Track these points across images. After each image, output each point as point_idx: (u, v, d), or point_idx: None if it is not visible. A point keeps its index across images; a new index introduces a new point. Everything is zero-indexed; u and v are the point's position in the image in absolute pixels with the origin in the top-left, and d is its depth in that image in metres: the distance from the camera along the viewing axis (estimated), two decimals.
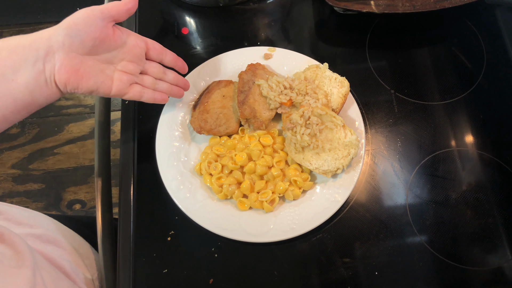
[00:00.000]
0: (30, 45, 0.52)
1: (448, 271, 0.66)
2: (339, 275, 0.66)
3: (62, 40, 0.52)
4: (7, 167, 1.74)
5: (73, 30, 0.52)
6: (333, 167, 0.68)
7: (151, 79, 0.65)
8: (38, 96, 0.53)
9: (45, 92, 0.53)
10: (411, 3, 0.81)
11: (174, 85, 0.70)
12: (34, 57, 0.52)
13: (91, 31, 0.53)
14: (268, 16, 0.88)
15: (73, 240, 0.75)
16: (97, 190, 0.72)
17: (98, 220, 0.70)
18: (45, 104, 0.55)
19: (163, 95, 0.68)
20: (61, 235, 0.73)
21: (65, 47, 0.52)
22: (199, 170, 0.72)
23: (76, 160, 1.75)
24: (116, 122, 1.74)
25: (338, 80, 0.74)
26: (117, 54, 0.59)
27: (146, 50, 0.64)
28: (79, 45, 0.53)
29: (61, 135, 1.79)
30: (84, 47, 0.54)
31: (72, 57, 0.53)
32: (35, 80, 0.52)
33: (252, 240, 0.66)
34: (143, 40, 0.63)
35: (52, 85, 0.53)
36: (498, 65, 0.82)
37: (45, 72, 0.52)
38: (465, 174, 0.73)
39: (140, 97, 0.64)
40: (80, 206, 1.68)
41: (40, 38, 0.52)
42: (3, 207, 0.70)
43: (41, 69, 0.52)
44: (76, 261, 0.70)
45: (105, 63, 0.58)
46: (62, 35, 0.52)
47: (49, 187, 1.71)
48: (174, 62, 0.69)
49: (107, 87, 0.59)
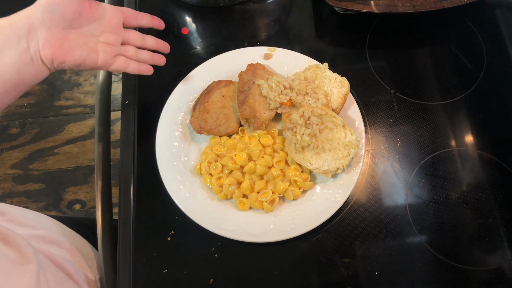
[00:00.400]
0: (11, 25, 0.53)
1: (448, 271, 0.66)
2: (339, 275, 0.66)
3: (42, 16, 0.53)
4: (7, 167, 1.74)
5: (51, 5, 0.53)
6: (333, 167, 0.68)
7: (133, 49, 0.67)
8: (25, 75, 0.53)
9: (32, 70, 0.54)
10: (411, 3, 0.82)
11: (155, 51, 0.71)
12: (16, 36, 0.52)
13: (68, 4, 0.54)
14: (268, 16, 0.88)
15: (76, 241, 0.75)
16: (97, 190, 0.72)
17: (98, 220, 0.70)
18: (34, 83, 0.56)
19: (148, 67, 0.69)
20: (64, 236, 0.73)
21: (46, 23, 0.53)
22: (199, 170, 0.72)
23: (76, 160, 1.75)
24: (116, 122, 1.75)
25: (338, 80, 0.74)
26: (97, 26, 0.60)
27: (123, 19, 0.65)
28: (59, 20, 0.54)
29: (61, 135, 1.79)
30: (64, 20, 0.55)
31: (54, 32, 0.54)
32: (20, 58, 0.52)
33: (252, 240, 0.66)
34: (118, 9, 0.64)
35: (39, 62, 0.54)
36: (498, 65, 0.82)
37: (30, 49, 0.53)
38: (465, 174, 0.73)
39: (125, 68, 0.65)
40: (80, 206, 1.68)
41: (20, 18, 0.53)
42: (7, 208, 0.70)
43: (25, 47, 0.52)
44: (79, 262, 0.70)
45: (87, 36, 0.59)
46: (40, 12, 0.53)
47: (49, 187, 1.71)
48: (151, 22, 0.71)
49: (93, 59, 0.59)
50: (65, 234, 0.74)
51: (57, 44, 0.54)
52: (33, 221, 0.71)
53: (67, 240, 0.72)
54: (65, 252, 0.70)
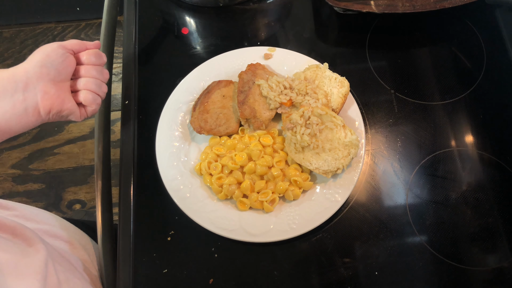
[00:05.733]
0: (9, 77, 0.57)
1: (448, 271, 0.66)
2: (339, 275, 0.66)
3: (40, 71, 0.58)
4: (7, 167, 1.74)
5: (48, 61, 0.58)
6: (333, 167, 0.68)
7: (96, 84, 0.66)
8: (14, 124, 0.58)
9: (23, 120, 0.58)
10: (411, 3, 0.81)
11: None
12: (13, 88, 0.56)
13: (61, 59, 0.59)
14: (268, 16, 0.88)
15: (78, 235, 0.75)
16: (97, 190, 0.72)
17: (98, 220, 0.70)
18: (20, 132, 0.60)
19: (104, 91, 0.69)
20: (66, 230, 0.74)
21: (43, 77, 0.58)
22: (199, 170, 0.72)
23: (76, 160, 1.75)
24: (116, 122, 1.74)
25: (338, 80, 0.74)
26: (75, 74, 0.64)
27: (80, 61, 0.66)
28: (55, 74, 0.59)
29: (61, 135, 1.79)
30: (59, 74, 0.59)
31: (51, 85, 0.59)
32: (12, 109, 0.56)
33: (252, 240, 0.66)
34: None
35: (34, 113, 0.58)
36: (498, 65, 0.82)
37: (26, 101, 0.57)
38: (465, 174, 0.73)
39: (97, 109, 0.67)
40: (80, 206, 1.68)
41: (18, 72, 0.57)
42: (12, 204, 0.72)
43: (20, 99, 0.57)
44: (82, 256, 0.70)
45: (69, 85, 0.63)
46: (38, 67, 0.58)
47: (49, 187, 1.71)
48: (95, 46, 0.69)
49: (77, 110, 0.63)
50: (67, 229, 0.75)
51: (55, 96, 0.59)
52: (37, 216, 0.72)
53: (70, 234, 0.73)
54: (69, 245, 0.71)
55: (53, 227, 0.72)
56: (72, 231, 0.75)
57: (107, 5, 0.84)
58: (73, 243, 0.72)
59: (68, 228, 0.75)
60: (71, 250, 0.70)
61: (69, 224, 0.77)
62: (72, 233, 0.75)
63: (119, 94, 0.93)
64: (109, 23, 0.83)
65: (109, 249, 0.69)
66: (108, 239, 0.70)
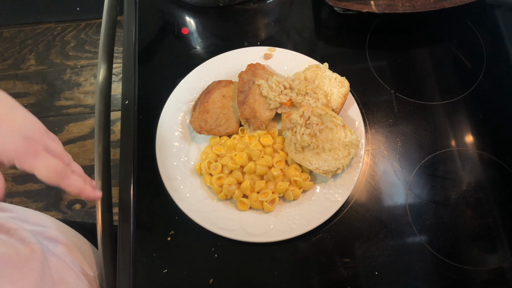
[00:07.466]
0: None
1: (448, 271, 0.66)
2: (339, 275, 0.66)
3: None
4: None
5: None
6: (333, 167, 0.68)
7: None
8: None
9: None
10: (411, 3, 0.81)
11: None
12: None
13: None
14: (268, 16, 0.88)
15: (74, 238, 0.75)
16: None
17: (98, 220, 0.70)
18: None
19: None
20: (62, 233, 0.73)
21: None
22: (199, 170, 0.72)
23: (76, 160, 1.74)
24: (116, 122, 1.74)
25: (338, 80, 0.74)
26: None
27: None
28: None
29: (61, 135, 1.79)
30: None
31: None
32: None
33: (252, 240, 0.66)
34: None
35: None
36: (498, 65, 0.82)
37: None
38: (465, 174, 0.73)
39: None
40: (80, 206, 1.68)
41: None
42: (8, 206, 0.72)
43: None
44: (77, 258, 0.70)
45: None
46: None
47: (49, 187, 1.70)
48: None
49: None
50: (64, 231, 0.74)
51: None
52: (32, 218, 0.72)
53: (66, 236, 0.73)
54: (64, 247, 0.71)
55: (50, 229, 0.72)
56: (68, 233, 0.75)
57: (107, 5, 0.84)
58: (69, 245, 0.72)
59: (64, 230, 0.75)
60: (67, 252, 0.70)
61: (65, 226, 0.77)
62: (69, 235, 0.74)
63: (119, 94, 0.93)
64: (109, 23, 0.83)
65: (109, 249, 0.69)
66: (108, 239, 0.69)
